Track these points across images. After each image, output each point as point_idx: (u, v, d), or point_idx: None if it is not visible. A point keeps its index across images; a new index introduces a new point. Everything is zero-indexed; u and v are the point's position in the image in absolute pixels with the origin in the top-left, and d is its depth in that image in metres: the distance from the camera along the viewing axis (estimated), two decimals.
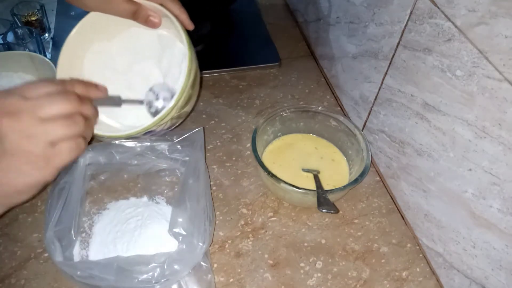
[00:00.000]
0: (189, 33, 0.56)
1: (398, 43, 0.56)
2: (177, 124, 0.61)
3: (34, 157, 0.40)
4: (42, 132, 0.40)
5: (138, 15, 0.55)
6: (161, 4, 0.55)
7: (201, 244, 0.48)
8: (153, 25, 0.56)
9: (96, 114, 0.47)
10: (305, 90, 0.79)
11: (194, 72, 0.54)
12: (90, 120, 0.45)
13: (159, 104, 0.57)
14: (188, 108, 0.58)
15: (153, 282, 0.46)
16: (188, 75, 0.52)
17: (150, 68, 0.62)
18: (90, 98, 0.46)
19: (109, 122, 0.59)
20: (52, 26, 0.85)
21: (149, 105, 0.58)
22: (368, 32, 0.63)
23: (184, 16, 0.56)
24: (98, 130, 0.53)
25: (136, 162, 0.59)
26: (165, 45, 0.61)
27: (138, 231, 0.54)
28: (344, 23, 0.70)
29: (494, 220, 0.44)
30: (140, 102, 0.58)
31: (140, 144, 0.58)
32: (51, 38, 0.83)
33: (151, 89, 0.58)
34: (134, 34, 0.61)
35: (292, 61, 0.85)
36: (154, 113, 0.57)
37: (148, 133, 0.55)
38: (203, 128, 0.60)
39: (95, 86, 0.48)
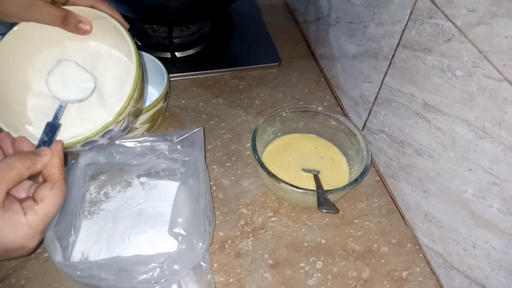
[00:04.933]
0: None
1: (398, 43, 0.56)
2: (129, 129, 0.56)
3: None
4: None
5: (67, 21, 0.49)
6: (91, 7, 0.51)
7: (201, 244, 0.48)
8: (84, 32, 0.51)
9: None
10: (305, 90, 0.79)
11: (141, 67, 0.51)
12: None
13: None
14: (140, 105, 0.54)
15: (153, 282, 0.46)
16: (137, 65, 0.49)
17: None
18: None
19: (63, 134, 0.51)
20: None
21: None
22: (368, 32, 0.63)
23: (118, 15, 0.52)
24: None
25: (136, 162, 0.59)
26: (97, 54, 0.56)
27: (138, 231, 0.54)
28: (344, 23, 0.70)
29: (494, 220, 0.44)
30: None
31: (140, 144, 0.58)
32: None
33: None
34: (65, 47, 0.55)
35: (292, 61, 0.85)
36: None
37: (106, 134, 0.50)
38: (203, 128, 0.60)
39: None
